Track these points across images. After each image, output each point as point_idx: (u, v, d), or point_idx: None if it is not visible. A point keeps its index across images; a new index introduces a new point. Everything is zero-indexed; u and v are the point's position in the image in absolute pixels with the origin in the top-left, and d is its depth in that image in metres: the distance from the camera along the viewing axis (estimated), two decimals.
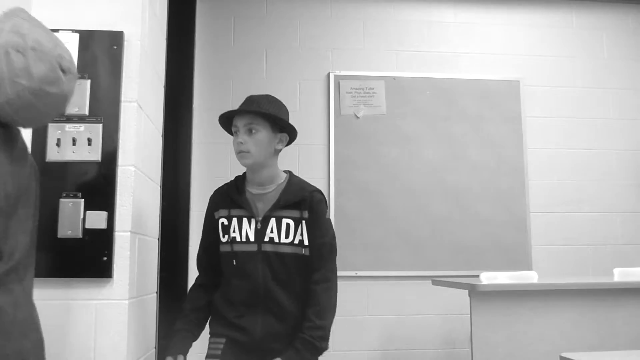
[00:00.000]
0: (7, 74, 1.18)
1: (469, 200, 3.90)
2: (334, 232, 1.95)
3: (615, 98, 4.17)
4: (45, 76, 1.21)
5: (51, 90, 1.23)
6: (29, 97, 1.20)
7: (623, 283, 2.64)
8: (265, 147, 1.90)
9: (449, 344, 3.78)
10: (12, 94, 1.19)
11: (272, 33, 3.97)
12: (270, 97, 1.98)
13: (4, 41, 1.18)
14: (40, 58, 1.21)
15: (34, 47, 1.20)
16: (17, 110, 1.21)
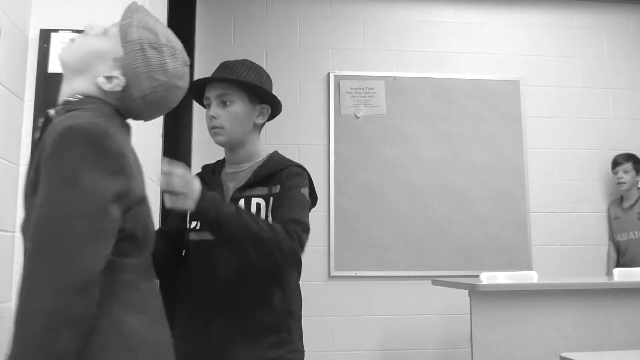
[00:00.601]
0: (144, 69, 1.19)
1: (469, 200, 3.90)
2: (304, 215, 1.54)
3: (615, 98, 4.17)
4: (177, 71, 1.24)
5: (180, 84, 1.26)
6: (163, 92, 1.23)
7: (623, 283, 2.64)
8: (241, 121, 1.61)
9: (449, 344, 3.78)
10: (148, 89, 1.20)
11: (272, 33, 3.97)
12: (247, 62, 1.66)
13: (137, 37, 1.19)
14: (173, 54, 1.23)
15: (166, 44, 1.23)
16: (148, 104, 1.23)
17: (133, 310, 1.11)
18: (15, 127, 1.84)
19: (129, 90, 1.20)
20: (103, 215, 1.03)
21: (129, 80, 1.19)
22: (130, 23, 1.21)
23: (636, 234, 3.77)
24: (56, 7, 1.91)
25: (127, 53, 1.19)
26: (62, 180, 1.01)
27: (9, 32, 1.77)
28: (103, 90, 1.19)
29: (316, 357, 3.67)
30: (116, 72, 1.19)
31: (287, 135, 3.85)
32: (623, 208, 3.88)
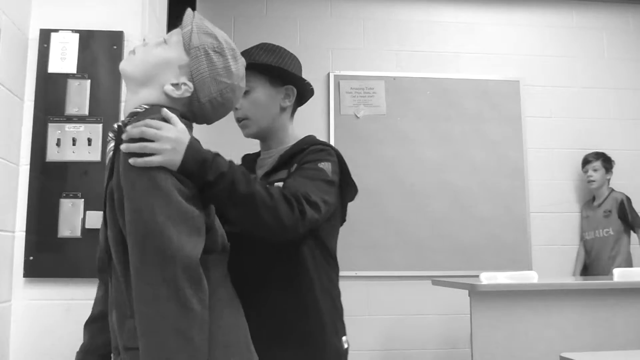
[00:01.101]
0: (209, 74, 1.22)
1: (469, 200, 3.90)
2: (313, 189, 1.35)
3: (615, 98, 4.17)
4: (240, 73, 1.28)
5: (242, 85, 1.30)
6: (229, 95, 1.26)
7: (623, 283, 2.64)
8: (265, 107, 1.51)
9: (449, 344, 3.78)
10: (216, 93, 1.23)
11: (272, 33, 3.97)
12: (266, 44, 1.60)
13: (200, 42, 1.22)
14: (234, 56, 1.27)
15: (227, 47, 1.26)
16: (215, 107, 1.26)
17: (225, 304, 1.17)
18: (15, 127, 1.84)
19: (196, 95, 1.23)
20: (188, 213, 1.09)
21: (196, 86, 1.22)
22: (191, 30, 1.23)
23: (601, 232, 3.77)
24: (56, 7, 1.91)
25: (192, 59, 1.21)
26: (148, 187, 1.07)
27: (9, 32, 1.77)
28: (171, 97, 1.22)
29: None
30: (183, 78, 1.21)
31: None
32: (592, 206, 3.88)
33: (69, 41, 1.88)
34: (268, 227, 1.23)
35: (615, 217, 3.74)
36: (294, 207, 1.25)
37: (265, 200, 1.22)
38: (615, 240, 3.70)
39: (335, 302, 1.49)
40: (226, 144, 3.67)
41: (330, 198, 1.39)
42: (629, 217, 3.71)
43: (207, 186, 1.17)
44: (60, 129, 1.82)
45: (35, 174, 1.82)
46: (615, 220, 3.73)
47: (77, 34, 1.88)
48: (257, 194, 1.22)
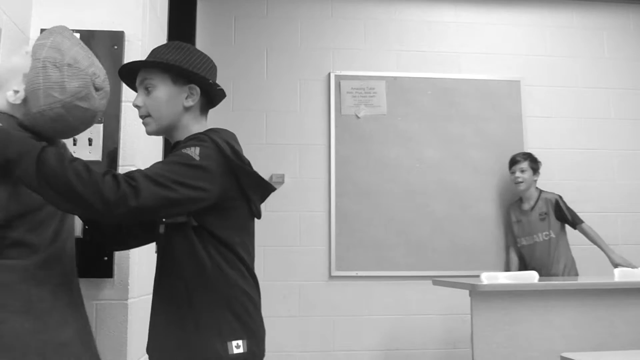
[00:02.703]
0: (43, 86, 1.27)
1: (469, 200, 3.90)
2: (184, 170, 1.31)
3: (615, 98, 4.17)
4: (77, 92, 1.30)
5: (82, 105, 1.31)
6: (59, 110, 1.28)
7: (623, 283, 2.64)
8: (166, 105, 1.46)
9: (449, 344, 3.78)
10: (45, 105, 1.27)
11: (273, 33, 3.98)
12: (175, 43, 1.52)
13: (44, 55, 1.28)
14: (75, 74, 1.30)
15: (70, 64, 1.29)
16: (47, 121, 1.29)
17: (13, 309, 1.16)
18: None
19: (28, 105, 1.28)
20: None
21: (29, 95, 1.27)
22: (43, 44, 1.30)
23: (540, 236, 3.63)
24: (56, 7, 1.91)
25: (32, 69, 1.28)
26: None
27: (9, 32, 1.77)
28: (9, 104, 1.28)
29: (316, 356, 3.67)
30: (22, 87, 1.28)
31: (288, 135, 3.85)
32: (524, 210, 3.72)
33: None
34: (90, 204, 1.19)
35: (553, 218, 3.63)
36: (120, 183, 1.21)
37: (82, 176, 1.19)
38: (556, 243, 3.61)
39: (231, 303, 1.37)
40: None
41: (193, 181, 1.31)
42: (568, 216, 3.61)
43: (10, 164, 1.17)
44: None
45: None
46: (554, 223, 3.62)
47: (77, 34, 1.88)
48: (72, 170, 1.18)
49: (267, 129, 3.85)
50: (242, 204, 1.43)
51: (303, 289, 3.73)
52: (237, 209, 1.43)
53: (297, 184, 3.80)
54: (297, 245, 3.76)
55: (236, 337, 1.35)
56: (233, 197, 1.40)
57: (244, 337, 1.36)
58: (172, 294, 1.39)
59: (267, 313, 3.67)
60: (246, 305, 1.40)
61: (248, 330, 1.38)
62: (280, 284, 3.72)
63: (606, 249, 3.55)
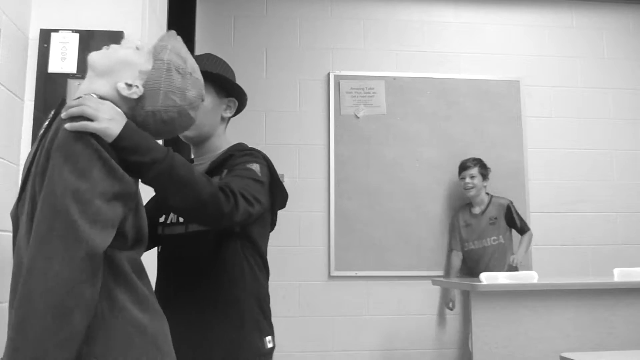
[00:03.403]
0: (164, 88, 1.27)
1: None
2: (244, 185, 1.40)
3: (615, 98, 4.17)
4: (193, 100, 1.32)
5: (192, 113, 1.33)
6: (174, 114, 1.29)
7: (623, 283, 2.64)
8: (209, 114, 1.57)
9: (449, 344, 3.78)
10: (162, 107, 1.27)
11: (272, 33, 3.97)
12: (212, 55, 1.63)
13: (168, 58, 1.28)
14: (194, 84, 1.31)
15: (191, 73, 1.31)
16: (158, 122, 1.29)
17: (132, 299, 1.16)
18: (15, 127, 1.84)
19: (143, 102, 1.26)
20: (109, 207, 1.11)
21: (147, 93, 1.26)
22: (165, 46, 1.30)
23: (488, 240, 3.59)
24: (56, 7, 1.91)
25: (154, 68, 1.27)
26: (77, 169, 1.09)
27: (9, 32, 1.77)
28: (119, 95, 1.25)
29: (316, 356, 3.67)
30: (138, 82, 1.26)
31: (287, 135, 3.85)
32: (474, 214, 3.68)
33: (69, 41, 1.88)
34: (207, 210, 1.29)
35: (503, 223, 3.61)
36: (229, 197, 1.32)
37: (206, 184, 1.28)
38: (504, 248, 3.58)
39: (261, 303, 1.52)
40: None
41: (260, 196, 1.44)
42: (517, 223, 3.60)
43: (142, 167, 1.20)
44: None
45: None
46: (503, 228, 3.60)
47: (77, 34, 1.88)
48: (198, 178, 1.28)
49: (267, 128, 3.85)
50: (269, 215, 1.59)
51: (302, 289, 3.73)
52: (266, 220, 1.58)
53: (297, 184, 3.80)
54: (296, 245, 3.76)
55: (268, 333, 1.51)
56: (267, 210, 1.54)
57: (271, 333, 1.52)
58: (215, 294, 1.47)
59: None
60: (269, 305, 1.55)
61: (272, 327, 1.54)
62: (279, 283, 3.71)
63: (522, 248, 3.54)
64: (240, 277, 1.49)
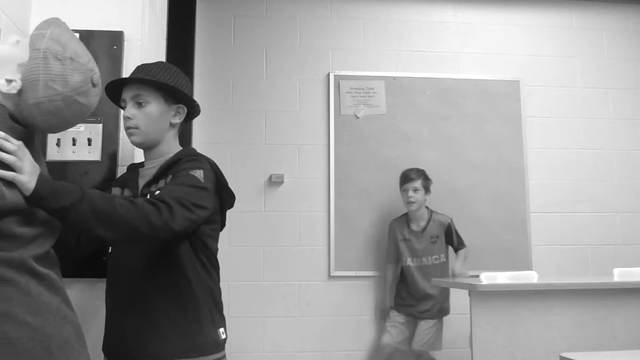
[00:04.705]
0: (43, 77, 1.23)
1: (469, 200, 3.90)
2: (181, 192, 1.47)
3: (615, 98, 4.17)
4: (78, 86, 1.28)
5: (80, 100, 1.29)
6: (59, 103, 1.26)
7: (623, 283, 2.64)
8: (156, 121, 1.62)
9: (449, 344, 3.77)
10: (44, 97, 1.24)
11: (272, 33, 3.97)
12: (164, 63, 1.70)
13: (45, 47, 1.25)
14: (77, 69, 1.28)
15: (72, 57, 1.27)
16: (44, 113, 1.26)
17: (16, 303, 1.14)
18: None
19: (24, 95, 1.24)
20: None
21: (26, 85, 1.24)
22: (42, 34, 1.27)
23: (430, 259, 3.45)
24: (56, 7, 1.91)
25: (30, 59, 1.24)
26: None
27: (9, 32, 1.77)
28: (1, 93, 1.24)
29: (316, 356, 3.67)
30: (17, 76, 1.24)
31: (287, 135, 3.85)
32: (413, 231, 3.51)
33: None
34: (140, 230, 1.35)
35: (443, 242, 3.48)
36: (161, 209, 1.38)
37: (130, 208, 1.34)
38: (443, 266, 3.46)
39: (215, 298, 1.63)
40: (226, 144, 3.68)
41: (203, 202, 1.51)
42: (455, 241, 3.48)
43: (64, 212, 1.25)
44: None
45: None
46: (443, 246, 3.48)
47: (77, 34, 1.88)
48: (120, 206, 1.33)
49: (267, 129, 3.85)
50: (218, 217, 1.66)
51: (302, 289, 3.73)
52: (216, 222, 1.66)
53: (296, 184, 3.80)
54: (296, 245, 3.76)
55: (221, 325, 1.63)
56: (216, 212, 1.63)
57: (223, 325, 1.64)
58: (174, 290, 1.55)
59: (266, 313, 3.67)
60: (221, 299, 1.66)
61: (224, 319, 1.66)
62: (279, 284, 3.71)
63: (460, 261, 3.44)
64: (193, 273, 1.56)
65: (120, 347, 1.56)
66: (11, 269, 1.15)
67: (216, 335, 1.59)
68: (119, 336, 1.57)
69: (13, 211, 1.17)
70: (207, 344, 1.56)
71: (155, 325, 1.53)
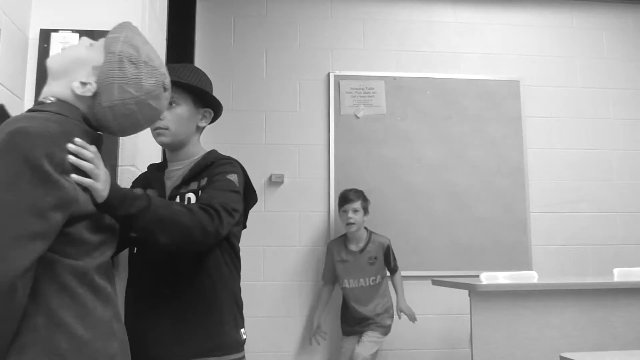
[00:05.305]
0: (118, 80, 1.24)
1: (469, 200, 3.90)
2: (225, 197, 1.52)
3: (615, 98, 4.17)
4: (151, 90, 1.28)
5: (153, 103, 1.30)
6: (132, 106, 1.26)
7: (623, 283, 2.64)
8: (185, 123, 1.66)
9: (449, 344, 3.78)
10: (118, 100, 1.24)
11: (272, 33, 3.97)
12: (191, 66, 1.73)
13: (120, 50, 1.25)
14: (150, 72, 1.28)
15: (146, 61, 1.28)
16: (118, 116, 1.27)
17: (74, 314, 1.12)
18: None
19: (99, 98, 1.24)
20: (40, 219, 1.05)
21: (101, 88, 1.24)
22: (117, 37, 1.27)
23: (367, 280, 3.37)
24: (56, 7, 1.91)
25: (106, 62, 1.24)
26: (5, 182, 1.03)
27: (9, 32, 1.77)
28: (76, 95, 1.24)
29: (317, 357, 3.67)
30: (92, 78, 1.24)
31: (287, 135, 3.85)
32: (351, 251, 3.41)
33: (69, 41, 1.87)
34: (196, 240, 1.40)
35: (382, 263, 3.41)
36: (212, 216, 1.42)
37: (187, 215, 1.38)
38: (380, 288, 3.40)
39: (237, 298, 1.66)
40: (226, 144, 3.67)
41: (238, 206, 1.57)
42: (392, 262, 3.43)
43: (132, 219, 1.28)
44: None
45: None
46: (381, 267, 3.41)
47: (77, 34, 1.88)
48: (180, 213, 1.37)
49: (267, 129, 3.85)
50: (242, 217, 1.68)
51: (302, 289, 3.73)
52: (241, 222, 1.68)
53: (297, 184, 3.80)
54: (296, 245, 3.76)
55: (242, 325, 1.65)
56: (241, 214, 1.64)
57: (243, 325, 1.66)
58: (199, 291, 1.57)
59: (266, 313, 3.67)
60: (242, 300, 1.68)
61: (243, 319, 1.68)
62: (279, 283, 3.71)
63: (400, 295, 3.42)
64: (217, 274, 1.59)
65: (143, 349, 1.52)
66: (74, 278, 1.13)
67: (238, 336, 1.62)
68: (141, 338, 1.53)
69: (84, 217, 1.16)
70: (230, 344, 1.58)
71: (181, 325, 1.54)
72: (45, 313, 1.08)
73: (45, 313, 1.08)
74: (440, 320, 3.78)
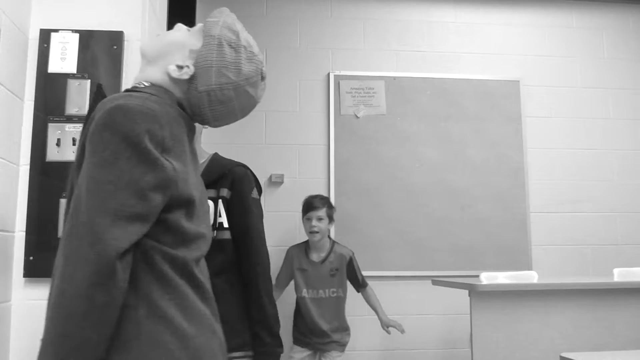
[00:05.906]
0: (216, 64, 1.18)
1: (469, 200, 3.90)
2: (260, 213, 1.84)
3: (615, 98, 4.17)
4: (250, 75, 1.23)
5: (250, 91, 1.24)
6: (230, 92, 1.20)
7: (623, 283, 2.64)
8: None
9: (449, 344, 3.78)
10: (216, 85, 1.18)
11: (272, 33, 3.97)
12: None
13: (219, 34, 1.20)
14: (249, 58, 1.23)
15: (245, 47, 1.23)
16: (213, 102, 1.20)
17: (177, 305, 1.05)
18: (15, 127, 1.84)
19: (195, 82, 1.18)
20: (140, 200, 1.00)
21: (198, 72, 1.18)
22: (216, 22, 1.22)
23: (327, 292, 3.27)
24: (56, 7, 1.91)
25: (204, 45, 1.19)
26: (104, 159, 0.99)
27: (9, 32, 1.77)
28: (171, 79, 1.19)
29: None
30: (189, 62, 1.19)
31: (287, 135, 3.85)
32: (312, 261, 3.28)
33: (69, 41, 1.88)
34: None
35: (344, 276, 3.30)
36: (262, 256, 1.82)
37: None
38: (342, 301, 3.30)
39: None
40: (226, 144, 3.67)
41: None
42: (359, 277, 3.33)
43: None
44: (61, 129, 1.82)
45: (35, 174, 1.82)
46: (343, 280, 3.29)
47: (77, 34, 1.88)
48: None
49: (267, 129, 3.85)
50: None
51: None
52: None
53: (297, 184, 3.80)
54: None
55: None
56: None
57: None
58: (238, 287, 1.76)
59: None
60: None
61: None
62: None
63: (380, 311, 3.35)
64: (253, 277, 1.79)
65: None
66: (172, 267, 1.06)
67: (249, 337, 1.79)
68: None
69: (182, 204, 1.09)
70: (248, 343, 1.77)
71: (226, 319, 1.53)
72: (146, 304, 1.01)
73: (147, 304, 1.01)
74: (440, 320, 3.78)
